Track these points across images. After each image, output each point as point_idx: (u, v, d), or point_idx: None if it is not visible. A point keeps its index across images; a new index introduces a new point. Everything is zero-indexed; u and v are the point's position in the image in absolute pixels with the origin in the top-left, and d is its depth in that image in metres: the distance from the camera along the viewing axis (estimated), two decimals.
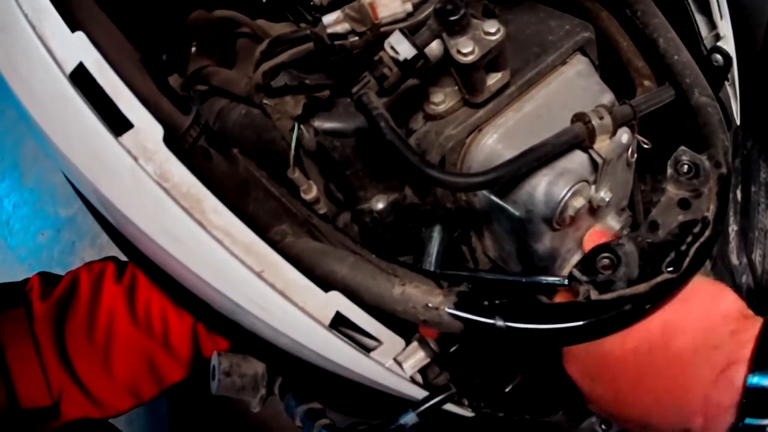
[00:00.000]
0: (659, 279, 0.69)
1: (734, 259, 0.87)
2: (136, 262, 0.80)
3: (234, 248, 0.57)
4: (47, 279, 0.94)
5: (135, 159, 0.58)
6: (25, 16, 0.64)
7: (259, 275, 0.58)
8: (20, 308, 0.88)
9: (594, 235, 0.78)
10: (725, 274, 0.89)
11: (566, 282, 0.69)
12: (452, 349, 0.69)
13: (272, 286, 0.58)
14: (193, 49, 0.85)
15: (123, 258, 0.97)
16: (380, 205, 0.78)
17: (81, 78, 0.60)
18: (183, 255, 0.58)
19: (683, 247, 0.71)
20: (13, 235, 2.25)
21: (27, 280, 0.94)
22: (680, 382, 0.63)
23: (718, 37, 0.85)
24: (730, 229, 0.95)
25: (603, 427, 0.83)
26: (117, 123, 0.59)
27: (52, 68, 0.60)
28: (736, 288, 0.89)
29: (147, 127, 0.58)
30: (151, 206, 0.58)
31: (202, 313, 0.73)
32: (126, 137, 0.58)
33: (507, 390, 0.80)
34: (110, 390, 0.90)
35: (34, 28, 0.63)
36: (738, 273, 0.88)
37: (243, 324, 0.67)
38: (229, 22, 0.91)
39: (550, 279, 0.72)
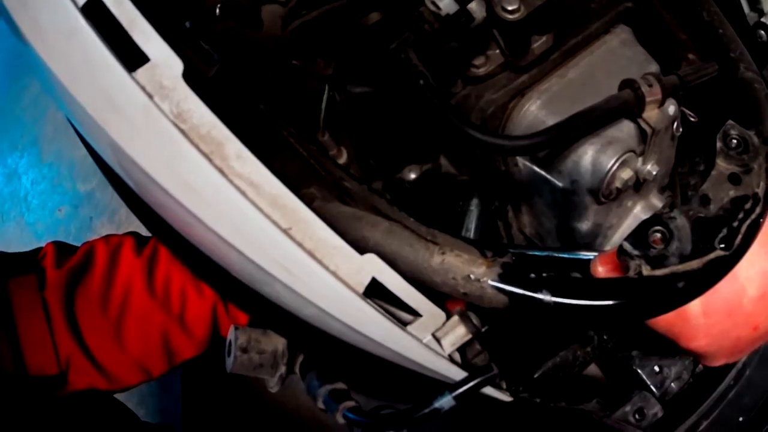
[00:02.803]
0: (712, 256, 0.57)
1: None
2: (154, 229, 0.66)
3: (258, 200, 0.44)
4: (62, 248, 0.82)
5: (150, 96, 0.46)
6: None
7: (286, 232, 0.44)
8: (32, 275, 0.76)
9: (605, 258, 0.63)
10: None
11: None
12: (495, 326, 0.55)
13: (300, 245, 0.45)
14: (218, 10, 0.71)
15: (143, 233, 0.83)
16: (413, 175, 0.65)
17: (95, 11, 0.47)
18: (200, 207, 0.45)
19: (735, 224, 0.59)
20: (30, 211, 2.08)
21: (39, 248, 0.82)
22: None
23: (761, 13, 0.73)
24: None
25: (636, 417, 0.70)
26: (132, 57, 0.46)
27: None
28: None
29: (165, 61, 0.46)
30: (165, 150, 0.45)
31: (222, 283, 0.59)
32: (141, 72, 0.46)
33: (541, 373, 0.66)
34: (120, 362, 0.78)
35: None
36: None
37: (265, 293, 0.53)
38: None
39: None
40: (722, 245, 0.58)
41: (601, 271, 0.57)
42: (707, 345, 0.60)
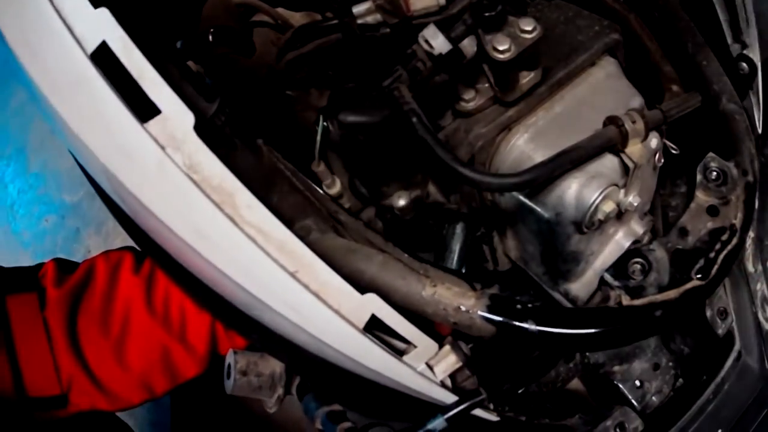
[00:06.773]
0: (689, 285, 0.65)
1: (750, 267, 0.83)
2: (152, 255, 0.73)
3: (267, 246, 0.51)
4: (62, 265, 0.87)
5: (162, 148, 0.52)
6: None
7: (293, 275, 0.52)
8: (33, 293, 0.82)
9: None
10: (741, 282, 0.85)
11: None
12: (484, 353, 0.64)
13: (306, 287, 0.52)
14: (211, 36, 0.78)
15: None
16: (402, 202, 0.72)
17: (103, 58, 0.54)
18: (211, 252, 0.52)
19: (712, 255, 0.68)
20: (17, 220, 2.14)
21: (41, 265, 0.87)
22: None
23: (744, 45, 0.81)
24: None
25: (617, 431, 0.79)
26: (142, 108, 0.52)
27: (71, 46, 0.54)
28: (751, 295, 0.86)
29: (176, 114, 0.52)
30: (178, 199, 0.52)
31: (220, 309, 0.67)
32: (152, 124, 0.52)
33: (525, 390, 0.75)
34: (122, 381, 0.83)
35: (52, 1, 0.56)
36: (753, 280, 0.84)
37: (265, 323, 0.61)
38: (248, 9, 0.85)
39: None
40: (699, 275, 0.66)
41: None
42: None
